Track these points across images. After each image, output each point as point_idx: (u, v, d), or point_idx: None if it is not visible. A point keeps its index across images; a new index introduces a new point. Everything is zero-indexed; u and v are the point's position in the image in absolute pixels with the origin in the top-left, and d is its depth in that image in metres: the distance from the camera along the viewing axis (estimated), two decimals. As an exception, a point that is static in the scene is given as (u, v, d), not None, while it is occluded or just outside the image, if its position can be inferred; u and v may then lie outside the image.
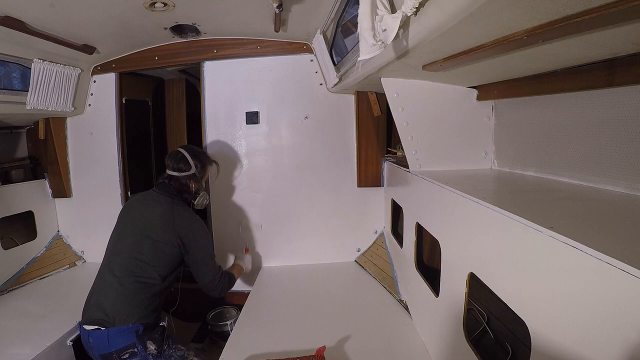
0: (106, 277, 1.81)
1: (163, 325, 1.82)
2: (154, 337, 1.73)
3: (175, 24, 2.41)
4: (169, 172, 2.08)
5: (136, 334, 1.70)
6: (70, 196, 3.01)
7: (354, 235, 2.90)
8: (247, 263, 2.53)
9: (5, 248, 2.62)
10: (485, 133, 1.86)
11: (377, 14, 1.01)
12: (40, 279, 2.71)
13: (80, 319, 1.79)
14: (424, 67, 1.44)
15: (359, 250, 2.90)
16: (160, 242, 1.86)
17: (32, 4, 1.80)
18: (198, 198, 2.16)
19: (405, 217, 2.11)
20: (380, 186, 2.78)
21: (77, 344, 1.95)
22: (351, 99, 2.74)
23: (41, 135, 2.87)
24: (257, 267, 2.91)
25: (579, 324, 0.74)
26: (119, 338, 1.68)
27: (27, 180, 3.00)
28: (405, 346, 1.77)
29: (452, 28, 0.90)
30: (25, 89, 2.41)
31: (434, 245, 2.03)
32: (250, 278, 2.80)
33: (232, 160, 2.91)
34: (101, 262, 1.92)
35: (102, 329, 1.69)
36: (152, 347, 1.70)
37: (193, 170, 2.07)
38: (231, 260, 2.96)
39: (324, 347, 1.59)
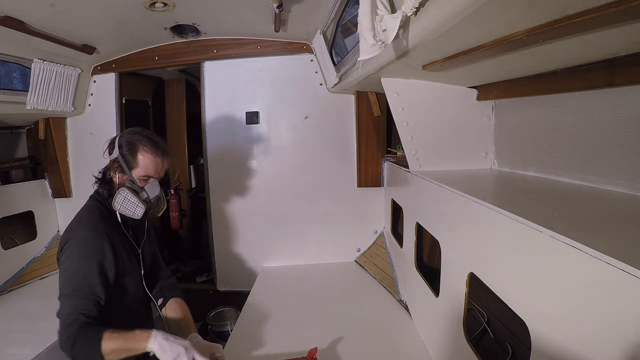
0: None
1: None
2: None
3: (175, 24, 2.41)
4: None
5: None
6: (70, 196, 3.01)
7: (354, 235, 2.90)
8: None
9: (5, 248, 2.62)
10: (485, 133, 1.86)
11: (377, 14, 1.02)
12: (40, 279, 2.71)
13: None
14: (424, 67, 1.44)
15: (359, 250, 2.90)
16: None
17: (32, 4, 1.80)
18: (115, 195, 1.44)
19: (405, 217, 2.11)
20: (380, 186, 2.78)
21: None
22: (351, 99, 2.74)
23: (41, 135, 2.87)
24: (257, 267, 2.91)
25: (579, 324, 0.74)
26: None
27: (27, 180, 3.00)
28: (405, 346, 1.77)
29: (452, 28, 0.90)
30: (25, 89, 2.41)
31: (434, 245, 2.03)
32: (250, 278, 2.80)
33: (232, 160, 2.90)
34: None
35: None
36: None
37: (116, 154, 1.48)
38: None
39: (315, 349, 1.54)
